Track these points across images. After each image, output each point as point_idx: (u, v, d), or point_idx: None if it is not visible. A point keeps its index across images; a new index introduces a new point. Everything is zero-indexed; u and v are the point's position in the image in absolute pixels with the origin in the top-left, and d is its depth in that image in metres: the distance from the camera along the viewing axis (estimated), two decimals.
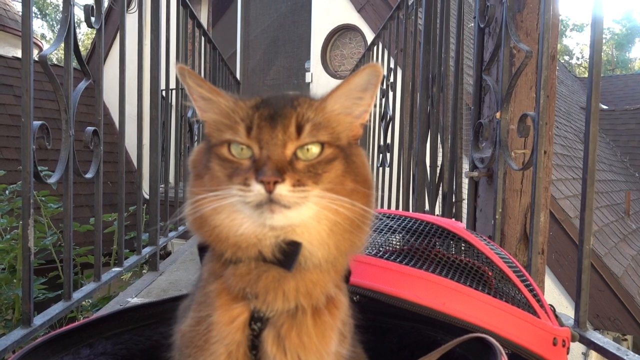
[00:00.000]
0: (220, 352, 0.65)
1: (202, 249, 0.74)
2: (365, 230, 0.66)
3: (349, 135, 0.67)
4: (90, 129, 1.56)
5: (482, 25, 1.73)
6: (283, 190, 0.59)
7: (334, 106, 0.67)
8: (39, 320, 1.28)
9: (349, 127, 0.68)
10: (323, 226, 0.63)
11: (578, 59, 32.51)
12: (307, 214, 0.61)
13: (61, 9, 1.40)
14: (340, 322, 0.68)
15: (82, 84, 1.50)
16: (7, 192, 2.89)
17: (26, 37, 1.20)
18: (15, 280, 2.37)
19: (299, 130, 0.63)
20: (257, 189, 0.59)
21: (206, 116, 0.69)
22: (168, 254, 4.59)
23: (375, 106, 3.69)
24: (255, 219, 0.61)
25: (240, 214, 0.62)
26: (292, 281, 0.64)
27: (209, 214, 0.63)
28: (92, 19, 1.58)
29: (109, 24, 7.48)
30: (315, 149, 0.63)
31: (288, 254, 0.63)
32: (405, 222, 1.07)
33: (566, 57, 30.68)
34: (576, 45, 33.61)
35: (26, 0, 1.18)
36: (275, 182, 0.59)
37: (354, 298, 0.90)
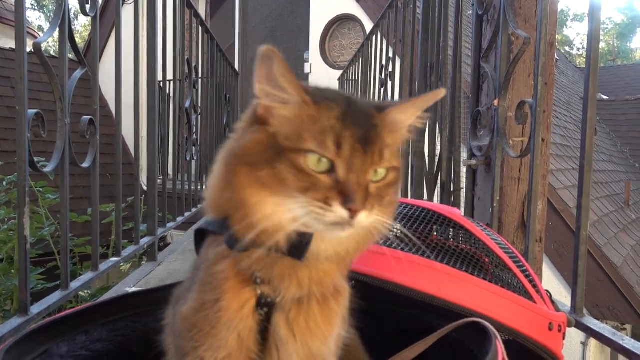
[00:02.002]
0: (231, 337, 0.65)
1: (201, 233, 0.72)
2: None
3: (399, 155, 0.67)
4: (87, 118, 1.55)
5: (480, 12, 1.72)
6: (364, 217, 0.59)
7: (399, 127, 0.66)
8: (35, 309, 1.28)
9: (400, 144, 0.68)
10: (356, 237, 0.64)
11: (579, 49, 32.39)
12: (363, 229, 0.62)
13: None
14: (344, 308, 0.71)
15: (78, 73, 1.49)
16: (4, 183, 2.88)
17: (20, 24, 1.19)
18: (13, 271, 2.37)
19: (381, 155, 0.62)
20: (340, 213, 0.58)
21: (275, 110, 0.62)
22: (167, 245, 4.60)
23: (374, 95, 3.67)
24: (323, 231, 0.60)
25: (310, 227, 0.60)
26: (305, 270, 0.64)
27: (258, 211, 0.60)
28: (87, 6, 1.56)
29: (106, 15, 7.44)
30: (383, 172, 0.63)
31: (301, 245, 0.62)
32: (401, 207, 1.06)
33: (567, 48, 30.57)
34: (577, 36, 33.51)
35: None
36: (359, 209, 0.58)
37: (351, 283, 0.90)
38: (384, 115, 0.64)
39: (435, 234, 1.01)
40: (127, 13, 2.40)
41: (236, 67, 7.26)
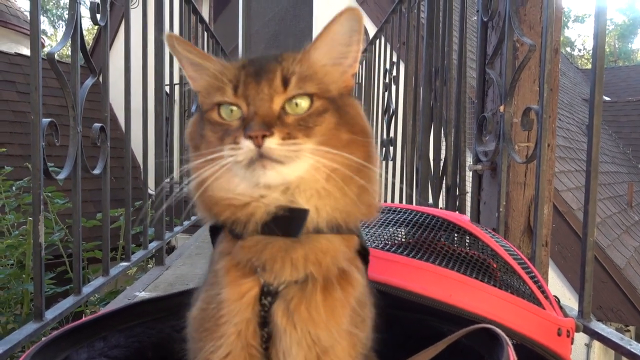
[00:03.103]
0: (230, 333, 0.64)
1: (214, 231, 0.73)
2: (372, 180, 0.64)
3: (339, 86, 0.66)
4: (98, 125, 1.58)
5: (485, 19, 1.73)
6: (272, 143, 0.58)
7: (318, 56, 0.66)
8: (50, 314, 1.30)
9: (340, 78, 0.67)
10: (321, 176, 0.61)
11: (580, 50, 32.40)
12: (302, 168, 0.60)
13: (67, 6, 1.41)
14: (354, 300, 0.66)
15: (89, 81, 1.51)
16: (13, 188, 2.91)
17: (34, 36, 1.21)
18: (24, 276, 2.39)
19: (285, 83, 0.62)
20: (247, 145, 0.58)
21: (197, 85, 0.69)
22: (172, 248, 4.62)
23: (378, 100, 3.68)
24: (249, 178, 0.60)
25: (236, 177, 0.61)
26: (300, 249, 0.63)
27: (207, 179, 0.61)
28: (98, 16, 1.59)
29: (110, 20, 7.46)
30: (304, 103, 0.62)
31: (292, 220, 0.61)
32: (411, 215, 1.08)
33: (568, 49, 30.55)
34: (578, 37, 33.49)
35: (34, 1, 1.19)
36: (264, 136, 0.58)
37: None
38: (293, 53, 0.67)
39: (443, 240, 1.03)
40: (132, 18, 2.42)
41: None
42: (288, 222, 0.62)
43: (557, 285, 4.59)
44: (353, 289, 0.66)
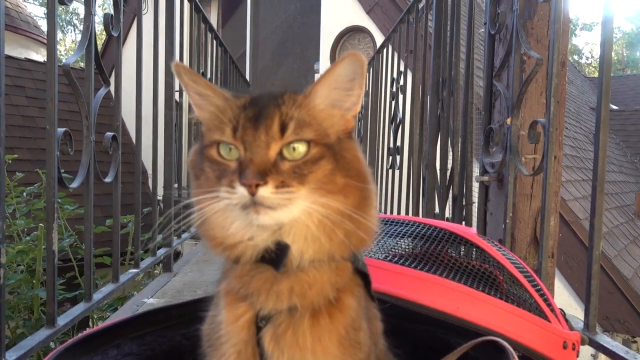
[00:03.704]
0: (230, 353, 0.67)
1: None
2: (363, 224, 0.65)
3: (338, 130, 0.67)
4: (110, 134, 1.60)
5: (492, 32, 1.75)
6: (265, 192, 0.59)
7: (318, 100, 0.66)
8: (62, 320, 1.32)
9: (340, 122, 0.67)
10: (312, 221, 0.62)
11: (587, 58, 32.31)
12: (293, 213, 0.61)
13: (76, 11, 1.44)
14: (343, 327, 0.66)
15: (102, 91, 1.54)
16: (24, 194, 2.95)
17: (51, 47, 1.24)
18: (34, 281, 2.42)
19: (283, 129, 0.62)
20: (241, 192, 0.60)
21: (201, 114, 0.70)
22: (177, 254, 4.63)
23: (385, 108, 3.70)
24: (243, 218, 0.62)
25: (232, 214, 0.63)
26: (286, 282, 0.64)
27: (204, 215, 0.64)
28: (111, 27, 1.62)
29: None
30: (302, 148, 0.62)
31: (277, 254, 0.63)
32: (418, 228, 1.09)
33: (575, 57, 30.48)
34: (585, 45, 33.39)
35: (51, 13, 1.22)
36: (257, 185, 0.59)
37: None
38: (293, 95, 0.66)
39: (451, 252, 1.04)
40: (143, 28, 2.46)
41: (247, 77, 7.34)
42: (273, 256, 0.64)
43: (563, 295, 4.58)
44: (342, 315, 0.67)
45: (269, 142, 0.62)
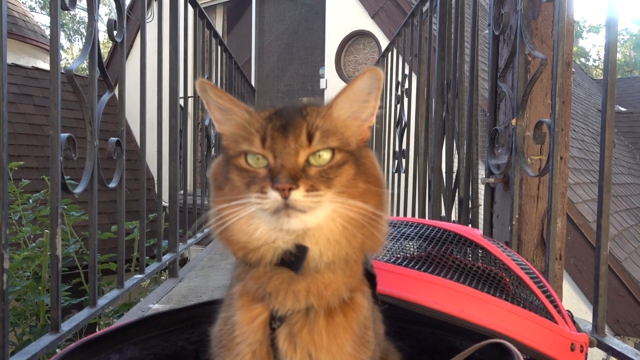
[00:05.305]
0: (245, 352, 0.69)
1: None
2: (379, 227, 0.68)
3: (357, 139, 0.71)
4: (114, 139, 1.60)
5: (496, 33, 1.74)
6: (298, 195, 0.62)
7: (339, 112, 0.70)
8: (66, 326, 1.32)
9: (358, 131, 0.71)
10: (336, 225, 0.66)
11: (595, 60, 32.13)
12: (321, 216, 0.65)
13: (83, 20, 1.45)
14: (357, 325, 0.70)
15: (106, 96, 1.54)
16: (30, 200, 2.96)
17: (54, 53, 1.24)
18: (40, 288, 2.42)
19: (310, 138, 0.66)
20: (274, 196, 0.63)
21: (223, 129, 0.72)
22: (184, 260, 4.64)
23: (390, 112, 3.70)
24: (273, 223, 0.64)
25: (257, 219, 0.66)
26: (303, 282, 0.67)
27: (229, 221, 0.66)
28: (115, 32, 1.63)
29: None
30: (326, 155, 0.66)
31: (297, 257, 0.66)
32: (423, 229, 1.08)
33: (582, 59, 30.35)
34: (592, 47, 33.25)
35: (54, 18, 1.23)
36: (290, 189, 0.62)
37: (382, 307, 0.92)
38: (316, 107, 0.70)
39: (456, 254, 1.03)
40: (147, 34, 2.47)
41: (252, 82, 7.35)
42: (292, 258, 0.66)
43: (573, 298, 4.53)
44: (356, 313, 0.70)
45: (298, 149, 0.66)
